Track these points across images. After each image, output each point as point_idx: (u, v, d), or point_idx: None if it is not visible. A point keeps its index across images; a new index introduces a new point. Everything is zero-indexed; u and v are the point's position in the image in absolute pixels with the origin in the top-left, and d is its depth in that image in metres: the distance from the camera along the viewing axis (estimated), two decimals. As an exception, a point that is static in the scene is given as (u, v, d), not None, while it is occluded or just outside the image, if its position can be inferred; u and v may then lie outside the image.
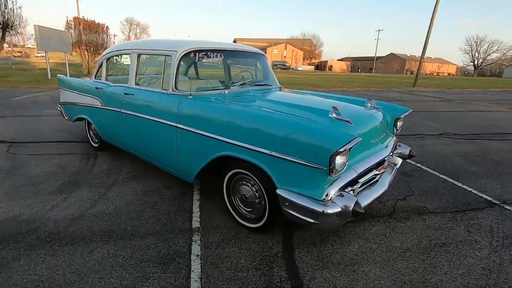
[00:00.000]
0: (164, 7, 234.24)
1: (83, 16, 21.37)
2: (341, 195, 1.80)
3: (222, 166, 2.35)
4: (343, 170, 1.82)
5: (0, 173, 3.28)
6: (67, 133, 5.06)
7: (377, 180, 2.35)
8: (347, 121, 2.04)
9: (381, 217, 2.63)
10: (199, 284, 1.77)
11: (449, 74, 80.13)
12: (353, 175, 1.90)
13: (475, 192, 3.23)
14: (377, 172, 2.25)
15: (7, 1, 15.53)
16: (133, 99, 3.00)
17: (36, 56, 47.89)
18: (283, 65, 69.96)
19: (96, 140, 4.11)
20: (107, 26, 20.17)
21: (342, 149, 1.65)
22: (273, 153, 1.88)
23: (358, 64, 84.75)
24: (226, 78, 3.44)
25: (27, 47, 68.61)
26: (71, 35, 18.29)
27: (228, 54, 3.13)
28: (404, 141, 5.21)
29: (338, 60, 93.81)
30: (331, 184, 1.78)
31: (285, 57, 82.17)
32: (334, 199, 1.77)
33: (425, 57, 20.44)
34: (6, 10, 15.35)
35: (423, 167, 3.99)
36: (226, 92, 2.72)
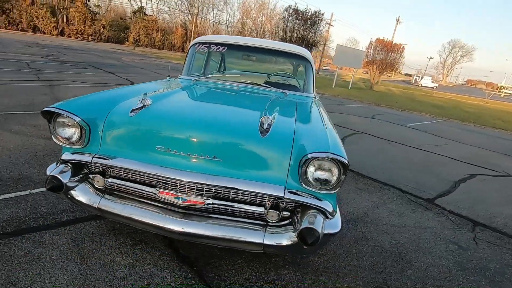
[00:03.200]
0: (493, 29, 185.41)
1: (383, 37, 21.03)
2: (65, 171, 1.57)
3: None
4: (81, 144, 1.61)
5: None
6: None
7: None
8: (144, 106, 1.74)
9: None
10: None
11: None
12: (86, 159, 1.59)
13: None
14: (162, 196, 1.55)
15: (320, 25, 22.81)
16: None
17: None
18: None
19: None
20: (403, 47, 20.20)
21: (50, 109, 1.55)
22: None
23: None
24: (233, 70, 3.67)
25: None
26: (366, 53, 20.10)
27: (232, 48, 3.01)
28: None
29: None
30: (72, 152, 1.63)
31: None
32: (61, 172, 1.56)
33: None
34: (316, 31, 21.16)
35: None
36: (193, 79, 2.75)
